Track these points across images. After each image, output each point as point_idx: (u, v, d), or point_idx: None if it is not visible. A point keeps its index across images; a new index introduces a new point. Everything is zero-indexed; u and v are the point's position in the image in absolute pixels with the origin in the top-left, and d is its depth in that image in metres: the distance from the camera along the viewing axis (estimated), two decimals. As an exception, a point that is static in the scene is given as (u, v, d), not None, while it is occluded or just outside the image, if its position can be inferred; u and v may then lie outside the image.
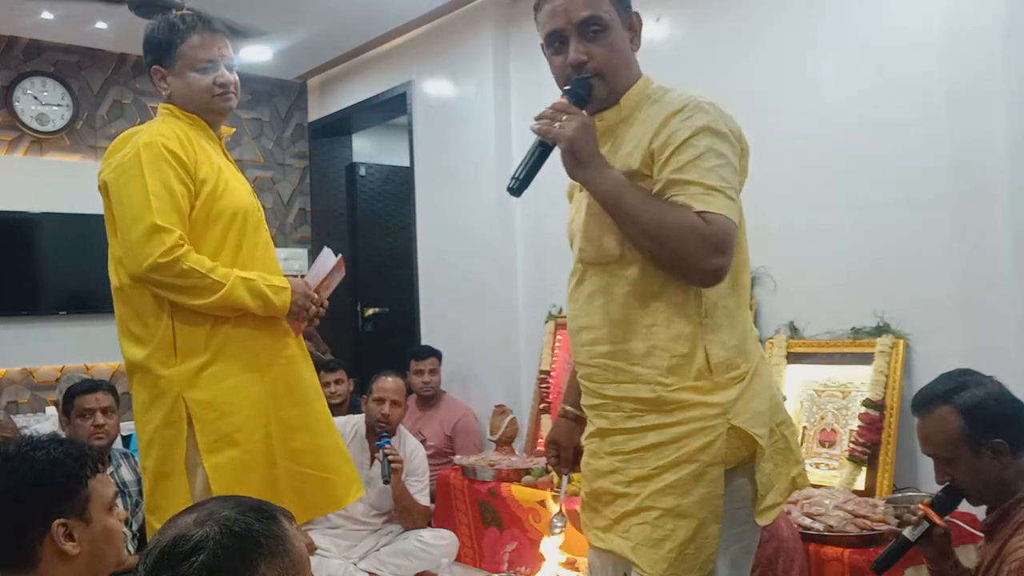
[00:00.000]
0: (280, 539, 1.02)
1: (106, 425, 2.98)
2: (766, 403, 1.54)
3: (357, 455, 3.46)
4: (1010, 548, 1.65)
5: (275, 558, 1.00)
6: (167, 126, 2.05)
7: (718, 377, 1.52)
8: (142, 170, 1.94)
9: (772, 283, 3.31)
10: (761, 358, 1.58)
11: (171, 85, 2.09)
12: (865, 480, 2.83)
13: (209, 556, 0.96)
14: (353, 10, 4.59)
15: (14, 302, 4.82)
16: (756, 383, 1.54)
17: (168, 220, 1.93)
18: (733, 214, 1.49)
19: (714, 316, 1.53)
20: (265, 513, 1.04)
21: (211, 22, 2.12)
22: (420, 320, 4.97)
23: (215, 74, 2.09)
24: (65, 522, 1.38)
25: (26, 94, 4.92)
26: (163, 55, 2.08)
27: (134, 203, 1.94)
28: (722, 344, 1.53)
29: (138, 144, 1.98)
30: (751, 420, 1.50)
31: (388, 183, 6.07)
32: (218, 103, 2.12)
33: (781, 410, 1.59)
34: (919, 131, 2.88)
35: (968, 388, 1.78)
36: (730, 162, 1.53)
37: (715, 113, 1.55)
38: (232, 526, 0.99)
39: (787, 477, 1.58)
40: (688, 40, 3.64)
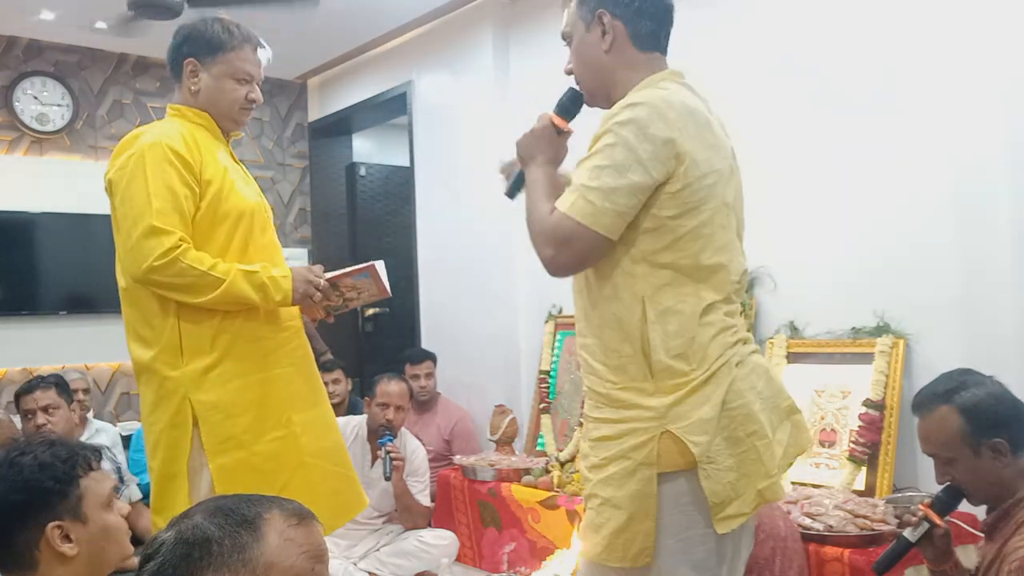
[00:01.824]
0: (240, 547, 0.95)
1: (49, 424, 2.94)
2: (714, 411, 1.52)
3: (358, 456, 3.46)
4: (1010, 548, 1.65)
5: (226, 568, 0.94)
6: (174, 127, 2.05)
7: (659, 381, 1.54)
8: (145, 171, 1.94)
9: (772, 283, 3.31)
10: (726, 364, 1.55)
11: (201, 82, 2.10)
12: (865, 480, 2.83)
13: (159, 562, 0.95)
14: (353, 10, 4.59)
15: (14, 302, 4.82)
16: (708, 390, 1.53)
17: (168, 222, 1.92)
18: (583, 215, 1.52)
19: (662, 321, 1.54)
20: (238, 517, 0.98)
21: (259, 40, 2.16)
22: (420, 320, 4.97)
23: (249, 89, 2.13)
24: (60, 524, 1.38)
25: (26, 94, 4.92)
26: (206, 53, 2.08)
27: (135, 204, 1.94)
28: (666, 349, 1.54)
29: (142, 145, 1.97)
30: (689, 428, 1.51)
31: (388, 183, 6.07)
32: (241, 115, 2.16)
33: (752, 420, 1.55)
34: (919, 131, 2.88)
35: (968, 388, 1.78)
36: (619, 165, 1.51)
37: (641, 115, 1.52)
38: (185, 532, 0.96)
39: (754, 488, 1.55)
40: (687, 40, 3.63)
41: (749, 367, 1.60)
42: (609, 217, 1.51)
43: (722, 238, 1.59)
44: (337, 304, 2.18)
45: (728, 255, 1.60)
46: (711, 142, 1.58)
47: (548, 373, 4.12)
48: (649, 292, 1.55)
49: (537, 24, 4.35)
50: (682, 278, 1.56)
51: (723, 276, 1.59)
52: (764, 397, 1.61)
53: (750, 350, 1.63)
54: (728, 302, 1.61)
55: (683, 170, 1.51)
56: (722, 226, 1.59)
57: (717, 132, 1.63)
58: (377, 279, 2.18)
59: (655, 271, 1.55)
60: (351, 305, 2.21)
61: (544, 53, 4.28)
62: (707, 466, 1.51)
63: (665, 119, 1.51)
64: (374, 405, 3.49)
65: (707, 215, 1.55)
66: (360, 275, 2.18)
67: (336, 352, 5.07)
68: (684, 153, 1.51)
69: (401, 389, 3.52)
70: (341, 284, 2.17)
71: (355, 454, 3.44)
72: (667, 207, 1.53)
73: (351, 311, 2.36)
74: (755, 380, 1.60)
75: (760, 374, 1.62)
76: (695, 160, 1.52)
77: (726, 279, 1.60)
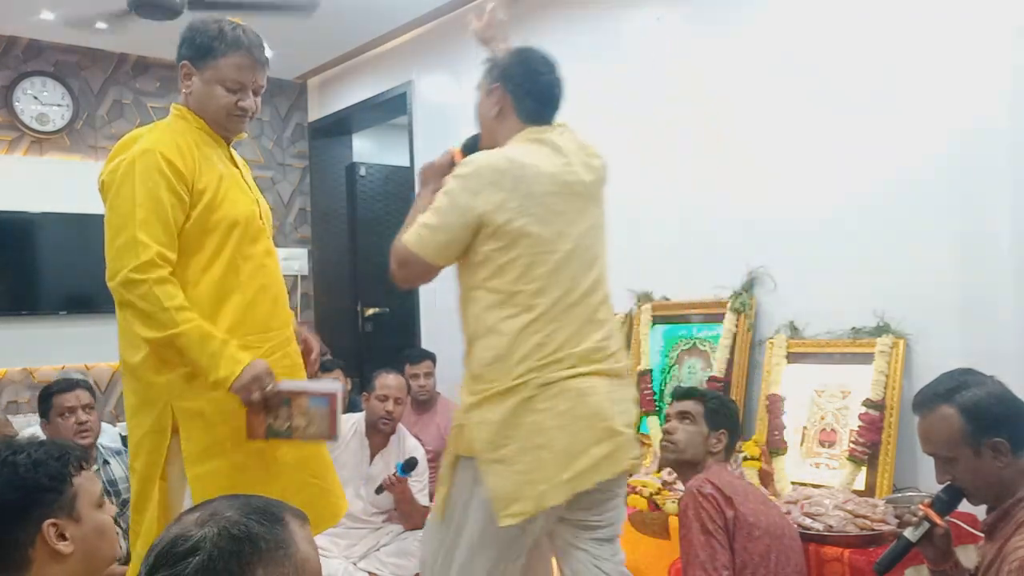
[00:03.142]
0: (282, 544, 0.99)
1: (88, 422, 2.96)
2: (499, 416, 1.87)
3: (356, 452, 3.47)
4: (1010, 548, 1.65)
5: (274, 564, 0.98)
6: (170, 132, 2.02)
7: (475, 385, 1.93)
8: (134, 179, 1.92)
9: (772, 283, 3.31)
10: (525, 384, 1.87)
11: (193, 86, 2.06)
12: (865, 480, 2.82)
13: (205, 558, 0.95)
14: (353, 10, 4.60)
15: (14, 302, 4.83)
16: (502, 400, 1.87)
17: (150, 233, 1.90)
18: (414, 244, 1.95)
19: (485, 337, 1.92)
20: (270, 516, 1.01)
21: (257, 48, 2.08)
22: (420, 320, 4.97)
23: (239, 97, 2.07)
24: (55, 522, 1.38)
25: (26, 94, 4.93)
26: (198, 57, 2.04)
27: (121, 212, 1.92)
28: (480, 360, 1.92)
29: (135, 151, 1.95)
30: (475, 426, 1.90)
31: (388, 183, 6.07)
32: (231, 123, 2.10)
33: (541, 435, 1.86)
34: (919, 131, 2.88)
35: (969, 387, 1.77)
36: (443, 209, 1.95)
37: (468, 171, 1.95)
38: (231, 528, 0.97)
39: (536, 491, 1.85)
40: (687, 40, 3.64)
41: (556, 390, 1.88)
42: (432, 248, 1.94)
43: (541, 268, 1.92)
44: (281, 426, 1.98)
45: (547, 280, 1.92)
46: (528, 191, 1.93)
47: (548, 373, 4.11)
48: (481, 313, 1.93)
49: (537, 24, 4.34)
50: (505, 302, 1.91)
51: (542, 299, 1.91)
52: (570, 417, 1.88)
53: (567, 374, 1.89)
54: (559, 321, 1.91)
55: (493, 216, 1.90)
56: (542, 256, 1.92)
57: (548, 179, 1.97)
58: (333, 414, 2.00)
59: (487, 295, 1.92)
60: (294, 436, 2.00)
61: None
62: (496, 465, 1.86)
63: (480, 176, 1.92)
64: (373, 399, 3.49)
65: (522, 249, 1.91)
66: (319, 400, 2.00)
67: (336, 352, 5.07)
68: (493, 203, 1.90)
69: (399, 382, 3.54)
70: (295, 402, 1.98)
71: (354, 450, 3.45)
72: (488, 244, 1.92)
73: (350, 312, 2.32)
74: (558, 402, 1.88)
75: (570, 397, 1.88)
76: (505, 207, 1.90)
77: (545, 301, 1.91)
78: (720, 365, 3.31)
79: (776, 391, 3.13)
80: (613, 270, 3.92)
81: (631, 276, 3.82)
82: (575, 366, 1.91)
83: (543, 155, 2.00)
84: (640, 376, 3.62)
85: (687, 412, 2.46)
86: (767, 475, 3.00)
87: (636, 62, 3.83)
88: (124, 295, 1.90)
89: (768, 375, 3.18)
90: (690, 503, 2.25)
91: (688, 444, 2.43)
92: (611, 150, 3.92)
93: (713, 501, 2.22)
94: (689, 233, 3.59)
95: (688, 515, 2.24)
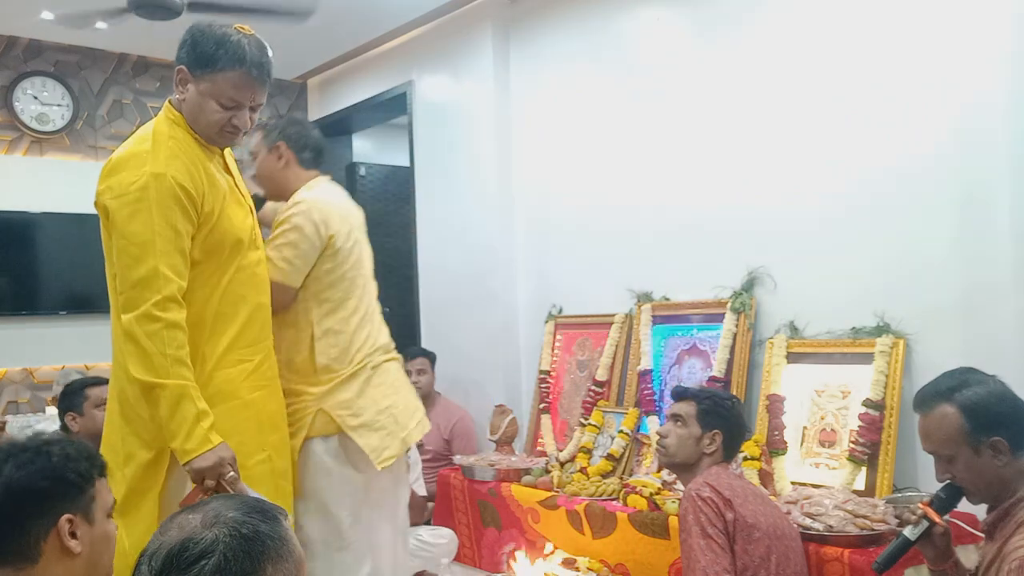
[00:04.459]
0: (284, 540, 1.02)
1: None
2: (353, 393, 2.38)
3: None
4: (1010, 547, 1.65)
5: (281, 560, 1.00)
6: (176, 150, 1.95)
7: (323, 376, 2.37)
8: (151, 207, 1.86)
9: (772, 283, 3.31)
10: (364, 366, 2.43)
11: (187, 93, 1.99)
12: (865, 480, 2.82)
13: (220, 559, 0.96)
14: (353, 10, 4.59)
15: (14, 302, 4.82)
16: (350, 381, 2.39)
17: (171, 265, 1.87)
18: (279, 278, 2.32)
19: (325, 336, 2.38)
20: (268, 514, 1.04)
21: (259, 65, 1.99)
22: (420, 320, 4.97)
23: (233, 114, 2.00)
24: (72, 518, 1.39)
25: (26, 94, 4.93)
26: (196, 66, 1.97)
27: (138, 240, 1.87)
28: (327, 355, 2.38)
29: (148, 175, 1.88)
30: (334, 405, 2.36)
31: (388, 183, 6.06)
32: (221, 138, 2.05)
33: (387, 397, 2.46)
34: (919, 131, 2.88)
35: (970, 386, 1.77)
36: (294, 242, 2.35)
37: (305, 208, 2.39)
38: (240, 528, 0.99)
39: (398, 439, 2.44)
40: (687, 40, 3.64)
41: (382, 369, 2.48)
42: (294, 275, 2.35)
43: (359, 282, 2.50)
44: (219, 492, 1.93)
45: (362, 291, 2.51)
46: (348, 222, 2.49)
47: (548, 373, 4.12)
48: (318, 319, 2.39)
49: (537, 24, 4.35)
50: (337, 308, 2.42)
51: (362, 305, 2.49)
52: (395, 387, 2.52)
53: (384, 359, 2.51)
54: (371, 321, 2.51)
55: (332, 241, 2.39)
56: (358, 273, 2.50)
57: (350, 214, 2.54)
58: None
59: (320, 304, 2.39)
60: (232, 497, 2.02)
61: (544, 53, 4.29)
62: (362, 429, 2.36)
63: (320, 210, 2.39)
64: None
65: (347, 268, 2.44)
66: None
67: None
68: (333, 231, 2.40)
69: None
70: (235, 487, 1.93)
71: None
72: (326, 263, 2.40)
73: None
74: (386, 377, 2.49)
75: (390, 374, 2.51)
76: (339, 234, 2.42)
77: (364, 307, 2.49)
78: (720, 365, 3.31)
79: (776, 391, 3.13)
80: (613, 270, 3.95)
81: (631, 276, 3.83)
82: (386, 353, 2.54)
83: (340, 192, 2.60)
84: (640, 376, 3.62)
85: (678, 414, 2.46)
86: (767, 475, 3.00)
87: (635, 62, 3.83)
88: (134, 327, 1.85)
89: (768, 375, 3.18)
90: (689, 507, 2.25)
91: (679, 448, 2.43)
92: (611, 150, 3.95)
93: (712, 504, 2.21)
94: (689, 233, 3.59)
95: (687, 519, 2.24)
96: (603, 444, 3.64)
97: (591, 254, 4.05)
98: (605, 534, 3.05)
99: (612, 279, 3.92)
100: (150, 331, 1.85)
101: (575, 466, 3.64)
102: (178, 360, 1.86)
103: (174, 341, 1.86)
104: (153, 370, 1.84)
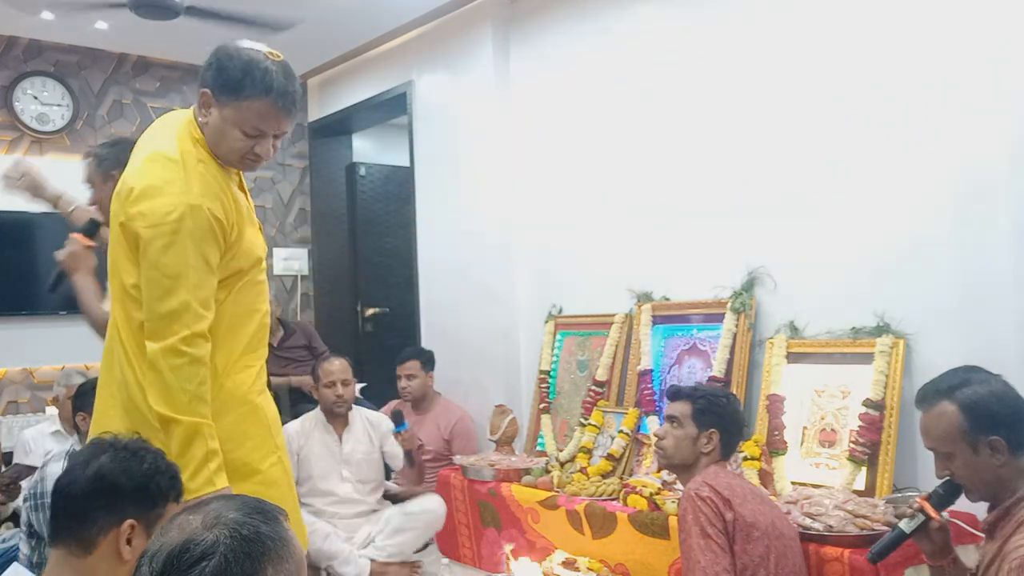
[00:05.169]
0: (284, 541, 1.02)
1: None
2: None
3: (325, 441, 3.65)
4: (1011, 546, 1.65)
5: (281, 560, 1.00)
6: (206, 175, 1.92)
7: None
8: (186, 238, 1.84)
9: (772, 283, 3.31)
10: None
11: (210, 117, 1.93)
12: (865, 480, 2.82)
13: (221, 561, 0.96)
14: (353, 10, 4.59)
15: (14, 302, 4.82)
16: None
17: (202, 300, 1.87)
18: None
19: None
20: (269, 515, 1.04)
21: (285, 96, 1.92)
22: (420, 320, 4.97)
23: (256, 143, 1.95)
24: (135, 525, 1.43)
25: (26, 94, 4.93)
26: (221, 91, 1.90)
27: (171, 272, 1.85)
28: None
29: (184, 205, 1.85)
30: None
31: (388, 183, 6.06)
32: (242, 165, 2.02)
33: None
34: (919, 131, 2.88)
35: (971, 384, 1.78)
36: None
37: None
38: (241, 529, 0.99)
39: None
40: (688, 40, 3.64)
41: None
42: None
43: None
44: None
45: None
46: None
47: (548, 373, 4.12)
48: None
49: (537, 24, 4.35)
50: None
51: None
52: None
53: None
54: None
55: None
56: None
57: None
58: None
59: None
60: None
61: (544, 53, 4.29)
62: None
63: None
64: (321, 387, 3.65)
65: None
66: None
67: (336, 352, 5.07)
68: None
69: (342, 365, 3.69)
70: None
71: (321, 440, 3.64)
72: None
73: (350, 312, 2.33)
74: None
75: None
76: None
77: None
78: (720, 365, 3.31)
79: (776, 391, 3.12)
80: (613, 270, 3.95)
81: (631, 276, 3.83)
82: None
83: None
84: (640, 376, 3.62)
85: (674, 416, 2.46)
86: (767, 475, 3.00)
87: (635, 61, 3.83)
88: (159, 359, 1.84)
89: (768, 375, 3.18)
90: (688, 507, 2.25)
91: (676, 449, 2.43)
92: (611, 149, 3.95)
93: (711, 504, 2.21)
94: (689, 233, 3.59)
95: (687, 520, 2.24)
96: (603, 444, 3.64)
97: (591, 254, 4.05)
98: (605, 534, 3.05)
99: (612, 279, 3.92)
100: (174, 365, 1.84)
101: (575, 466, 3.65)
102: (197, 396, 1.86)
103: (196, 377, 1.86)
104: (172, 404, 1.84)
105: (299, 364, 4.95)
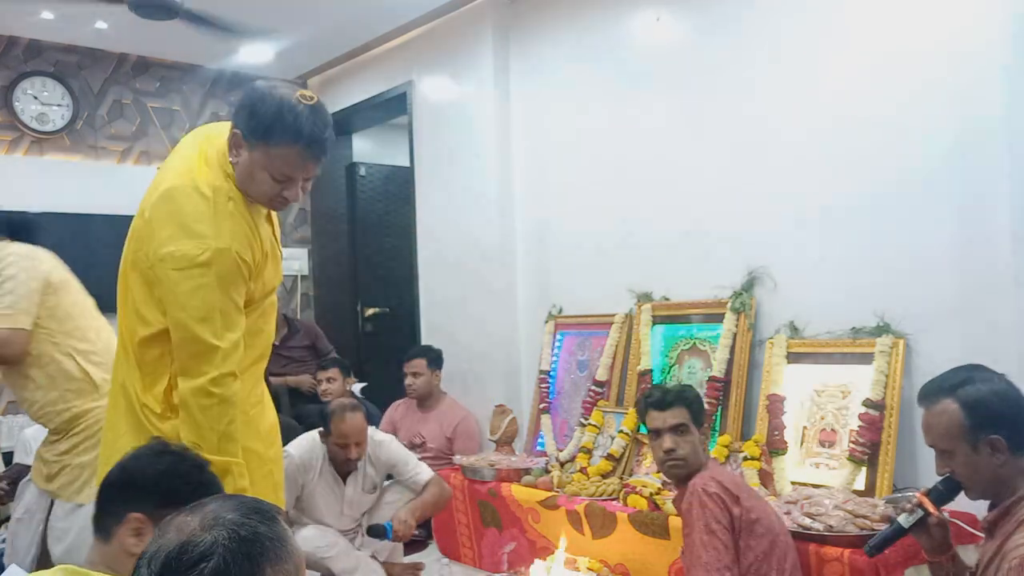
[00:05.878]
0: (282, 541, 1.02)
1: None
2: None
3: (330, 484, 3.37)
4: (1011, 545, 1.65)
5: (280, 561, 1.00)
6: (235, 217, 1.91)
7: None
8: (213, 282, 1.84)
9: (772, 283, 3.31)
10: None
11: (240, 157, 1.91)
12: (865, 480, 2.82)
13: (219, 562, 0.96)
14: (353, 10, 4.59)
15: (14, 302, 4.81)
16: None
17: (231, 340, 1.87)
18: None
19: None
20: (266, 515, 1.04)
21: (315, 143, 1.90)
22: (420, 320, 4.97)
23: (284, 187, 1.93)
24: (141, 518, 1.45)
25: (26, 94, 4.93)
26: (251, 132, 1.88)
27: (198, 316, 1.84)
28: None
29: (212, 249, 1.84)
30: None
31: (388, 183, 6.07)
32: (271, 206, 2.02)
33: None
34: (919, 131, 2.88)
35: (974, 383, 1.78)
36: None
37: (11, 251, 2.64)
38: (239, 530, 0.99)
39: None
40: (686, 40, 3.64)
41: None
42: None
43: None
44: None
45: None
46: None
47: (548, 373, 4.12)
48: None
49: (537, 24, 4.35)
50: None
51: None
52: None
53: None
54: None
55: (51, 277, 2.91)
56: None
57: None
58: None
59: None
60: None
61: (544, 53, 4.29)
62: None
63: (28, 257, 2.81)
64: (332, 444, 3.29)
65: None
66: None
67: (336, 351, 5.08)
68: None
69: (356, 425, 3.27)
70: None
71: (326, 480, 3.35)
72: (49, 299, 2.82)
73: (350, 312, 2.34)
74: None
75: None
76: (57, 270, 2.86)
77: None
78: (720, 365, 3.31)
79: (776, 391, 3.13)
80: (613, 270, 3.95)
81: (631, 276, 3.83)
82: None
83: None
84: (640, 376, 3.62)
85: (681, 424, 2.42)
86: (767, 475, 3.00)
87: (635, 61, 3.83)
88: (189, 399, 1.86)
89: (768, 375, 3.18)
90: (695, 503, 2.25)
91: (692, 456, 2.42)
92: (611, 149, 3.95)
93: (719, 500, 2.22)
94: (689, 233, 3.59)
95: (692, 514, 2.25)
96: (603, 444, 3.64)
97: (591, 254, 4.05)
98: (605, 534, 3.05)
99: (612, 279, 3.92)
100: (203, 405, 1.86)
101: (575, 466, 3.65)
102: (227, 436, 1.87)
103: (225, 416, 1.87)
104: (203, 443, 1.85)
105: (300, 364, 4.96)
